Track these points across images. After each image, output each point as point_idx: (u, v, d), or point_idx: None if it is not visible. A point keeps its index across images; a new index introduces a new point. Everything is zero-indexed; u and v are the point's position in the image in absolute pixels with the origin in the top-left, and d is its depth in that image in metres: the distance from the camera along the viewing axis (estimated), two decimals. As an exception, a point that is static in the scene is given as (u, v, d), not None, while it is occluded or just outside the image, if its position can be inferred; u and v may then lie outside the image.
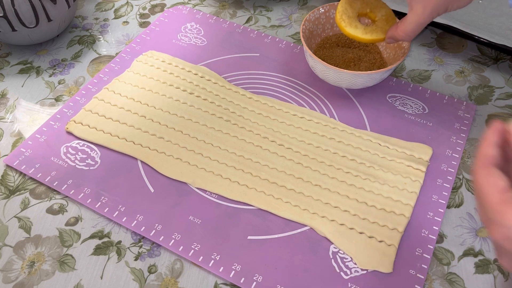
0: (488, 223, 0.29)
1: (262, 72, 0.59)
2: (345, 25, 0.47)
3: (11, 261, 0.44)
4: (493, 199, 0.29)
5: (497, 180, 0.29)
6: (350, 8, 0.49)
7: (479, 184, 0.30)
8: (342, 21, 0.47)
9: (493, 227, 0.29)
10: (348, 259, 0.43)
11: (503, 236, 0.28)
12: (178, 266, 0.43)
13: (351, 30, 0.47)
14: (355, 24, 0.47)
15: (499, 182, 0.29)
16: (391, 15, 0.50)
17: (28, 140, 0.52)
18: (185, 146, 0.50)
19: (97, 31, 0.65)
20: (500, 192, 0.28)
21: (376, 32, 0.48)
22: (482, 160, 0.30)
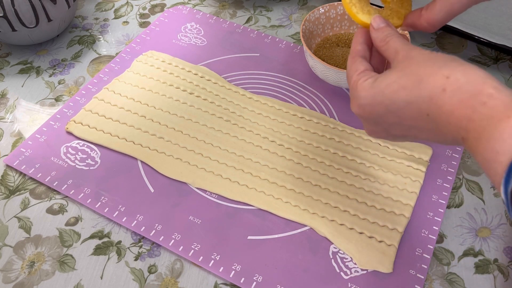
0: (351, 101, 0.36)
1: (262, 72, 0.59)
2: (356, 11, 0.40)
3: (11, 261, 0.44)
4: (352, 79, 0.35)
5: (358, 65, 0.36)
6: None
7: (347, 71, 0.37)
8: (353, 6, 0.40)
9: (351, 101, 0.36)
10: (348, 259, 0.43)
11: (357, 105, 0.35)
12: (178, 266, 0.43)
13: (364, 17, 0.40)
14: (368, 9, 0.40)
15: (359, 67, 0.36)
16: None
17: (28, 140, 0.52)
18: (185, 146, 0.50)
19: (97, 31, 0.65)
20: (358, 74, 0.35)
21: (392, 17, 0.41)
22: (351, 55, 0.37)
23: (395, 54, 0.34)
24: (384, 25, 0.36)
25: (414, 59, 0.32)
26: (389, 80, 0.32)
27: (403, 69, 0.32)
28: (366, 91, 0.33)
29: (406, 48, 0.33)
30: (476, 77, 0.28)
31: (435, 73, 0.30)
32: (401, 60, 0.33)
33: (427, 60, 0.31)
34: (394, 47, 0.34)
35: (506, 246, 0.45)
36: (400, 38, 0.35)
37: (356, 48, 0.37)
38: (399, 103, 0.31)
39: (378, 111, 0.33)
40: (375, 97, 0.33)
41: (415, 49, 0.33)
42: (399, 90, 0.31)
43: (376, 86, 0.33)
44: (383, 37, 0.36)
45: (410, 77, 0.31)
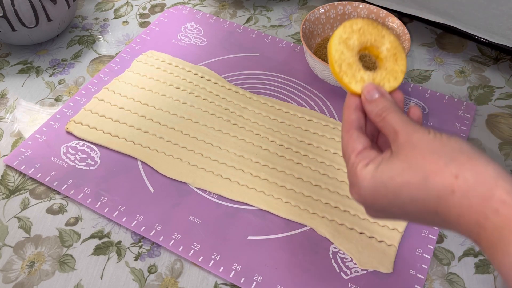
0: (350, 186, 0.33)
1: (262, 72, 0.59)
2: (348, 80, 0.35)
3: (11, 261, 0.44)
4: (350, 161, 0.32)
5: (355, 143, 0.32)
6: (348, 50, 0.36)
7: (342, 146, 0.34)
8: (344, 75, 0.35)
9: (350, 187, 0.33)
10: (348, 259, 0.43)
11: (357, 194, 0.32)
12: (178, 266, 0.43)
13: (357, 86, 0.35)
14: (360, 75, 0.35)
15: (356, 145, 0.32)
16: (398, 47, 0.37)
17: (28, 140, 0.52)
18: (185, 146, 0.50)
19: (97, 31, 0.65)
20: (356, 155, 0.32)
21: (388, 79, 0.36)
22: (345, 126, 0.34)
23: (394, 134, 0.31)
24: (377, 96, 0.33)
25: (417, 147, 0.29)
26: (393, 172, 0.29)
27: (406, 159, 0.29)
28: (367, 181, 0.30)
29: (406, 130, 0.30)
30: (486, 177, 0.26)
31: (443, 171, 0.27)
32: (402, 145, 0.30)
33: (432, 151, 0.28)
34: (392, 125, 0.31)
35: (506, 246, 0.45)
36: (397, 113, 0.32)
37: (349, 118, 0.34)
38: (403, 198, 0.29)
39: (381, 203, 0.30)
40: (377, 189, 0.30)
41: (416, 131, 0.30)
42: (403, 185, 0.29)
43: (378, 176, 0.30)
44: (378, 112, 0.32)
45: (415, 172, 0.28)
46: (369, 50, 0.38)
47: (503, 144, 0.52)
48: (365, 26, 0.37)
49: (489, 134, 0.53)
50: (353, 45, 0.36)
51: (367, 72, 0.35)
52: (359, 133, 0.33)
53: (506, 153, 0.52)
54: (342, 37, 0.36)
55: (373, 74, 0.35)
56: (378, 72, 0.36)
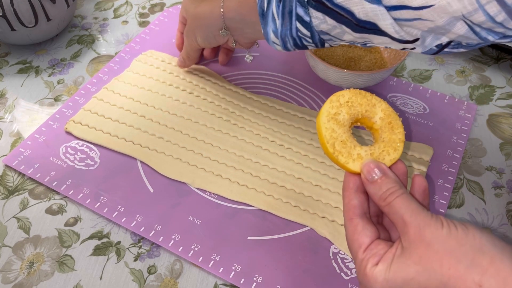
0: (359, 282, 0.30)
1: (262, 72, 0.59)
2: (345, 160, 0.32)
3: (10, 261, 0.43)
4: (357, 257, 0.30)
5: (361, 236, 0.30)
6: (339, 127, 0.33)
7: (347, 240, 0.31)
8: (340, 155, 0.32)
9: (360, 286, 0.30)
10: (349, 260, 0.43)
11: None
12: (177, 267, 0.43)
13: (355, 165, 0.32)
14: (357, 152, 0.33)
15: (362, 239, 0.30)
16: (392, 114, 0.35)
17: (27, 140, 0.51)
18: (184, 146, 0.50)
19: (96, 31, 0.65)
20: (363, 252, 0.30)
21: (387, 152, 0.33)
22: (347, 214, 0.31)
23: (404, 226, 0.28)
24: (379, 176, 0.31)
25: (431, 247, 0.27)
26: (407, 275, 0.27)
27: (421, 261, 0.27)
28: (379, 284, 0.28)
29: (417, 223, 0.28)
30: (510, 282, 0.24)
31: (464, 278, 0.25)
32: (414, 241, 0.28)
33: (450, 253, 0.26)
34: (400, 214, 0.29)
35: (507, 247, 0.45)
36: (404, 199, 0.29)
37: (350, 203, 0.32)
38: None
39: None
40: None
41: (428, 225, 0.27)
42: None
43: (392, 280, 0.28)
44: (382, 196, 0.30)
45: (433, 277, 0.26)
46: (361, 122, 0.35)
47: (504, 144, 0.52)
48: (353, 98, 0.35)
49: (490, 134, 0.53)
50: (343, 120, 0.34)
51: (363, 148, 0.33)
52: (364, 223, 0.31)
53: (507, 153, 0.51)
54: (330, 113, 0.34)
55: (370, 149, 0.33)
56: (376, 145, 0.34)
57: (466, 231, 0.27)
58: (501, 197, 0.48)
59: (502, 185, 0.49)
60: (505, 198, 0.48)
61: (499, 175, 0.50)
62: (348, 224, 0.31)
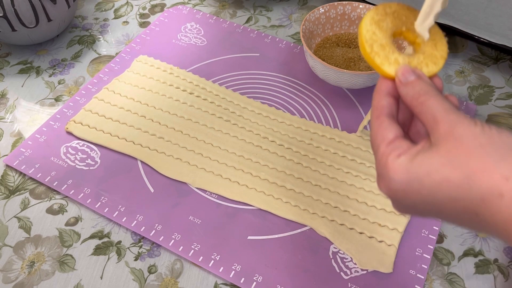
0: (378, 178, 0.29)
1: (262, 72, 0.59)
2: (380, 61, 0.31)
3: (11, 261, 0.44)
4: (379, 150, 0.29)
5: (386, 131, 0.29)
6: (380, 32, 0.32)
7: (371, 134, 0.30)
8: (376, 56, 0.31)
9: (378, 179, 0.29)
10: (348, 259, 0.43)
11: (386, 187, 0.28)
12: (178, 266, 0.43)
13: (390, 68, 0.31)
14: (394, 57, 0.31)
15: (387, 134, 0.29)
16: (438, 32, 0.34)
17: (28, 140, 0.52)
18: (185, 146, 0.50)
19: (97, 31, 0.65)
20: (387, 145, 0.28)
21: (426, 64, 0.32)
22: (375, 112, 0.30)
23: (434, 123, 0.27)
24: (414, 78, 0.29)
25: (461, 141, 0.25)
26: (431, 167, 0.26)
27: (448, 154, 0.26)
28: (399, 174, 0.27)
29: (449, 119, 0.26)
30: None
31: (491, 170, 0.24)
32: (444, 137, 0.26)
33: (480, 147, 0.25)
34: (432, 112, 0.27)
35: (506, 246, 0.45)
36: (438, 99, 0.28)
37: (380, 103, 0.30)
38: (440, 197, 0.26)
39: (413, 200, 0.27)
40: (410, 184, 0.27)
41: (461, 122, 0.26)
42: (442, 183, 0.25)
43: (413, 171, 0.27)
44: (414, 95, 0.29)
45: (458, 169, 0.25)
46: (404, 35, 0.34)
47: (503, 144, 0.52)
48: (399, 10, 0.33)
49: (489, 134, 0.53)
50: (386, 27, 0.32)
51: (402, 55, 0.31)
52: (390, 120, 0.30)
53: (506, 153, 0.52)
54: (374, 18, 0.32)
55: (409, 58, 0.31)
56: (415, 56, 0.32)
57: (501, 131, 0.26)
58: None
59: (501, 185, 0.49)
60: (504, 198, 0.48)
61: (498, 175, 0.50)
62: (373, 122, 0.30)
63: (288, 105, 0.55)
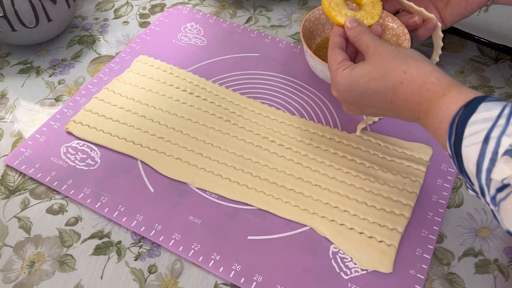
0: (331, 86, 0.43)
1: (262, 72, 0.59)
2: (335, 14, 0.46)
3: (11, 261, 0.44)
4: (332, 68, 0.42)
5: (337, 55, 0.42)
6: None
7: (328, 60, 0.44)
8: (332, 10, 0.46)
9: (332, 86, 0.43)
10: (348, 259, 0.43)
11: (336, 90, 0.42)
12: (178, 266, 0.43)
13: (341, 19, 0.45)
14: (345, 11, 0.46)
15: (337, 57, 0.42)
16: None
17: (28, 140, 0.52)
18: (185, 146, 0.50)
19: (97, 31, 0.65)
20: (337, 64, 0.42)
21: (366, 18, 0.47)
22: (330, 46, 0.44)
23: (366, 48, 0.41)
24: (356, 24, 0.43)
25: (382, 54, 0.39)
26: (362, 72, 0.39)
27: (373, 62, 0.39)
28: (344, 80, 0.41)
29: (375, 44, 0.40)
30: (425, 71, 0.36)
31: (396, 68, 0.37)
32: (372, 54, 0.40)
33: (392, 56, 0.38)
34: (365, 42, 0.41)
35: (506, 246, 0.45)
36: (370, 35, 0.42)
37: (334, 40, 0.44)
38: (370, 91, 0.39)
39: (353, 96, 0.41)
40: (351, 85, 0.40)
41: (382, 45, 0.40)
42: (370, 81, 0.39)
43: (352, 76, 0.40)
44: (355, 34, 0.43)
45: (378, 71, 0.38)
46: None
47: (503, 144, 0.52)
48: None
49: (489, 134, 0.53)
50: None
51: (350, 11, 0.46)
52: (340, 50, 0.43)
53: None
54: None
55: (355, 13, 0.46)
56: (359, 12, 0.47)
57: (406, 48, 0.39)
58: (500, 197, 0.48)
59: (501, 185, 0.49)
60: (504, 198, 0.48)
61: (498, 175, 0.50)
62: (329, 52, 0.44)
63: (288, 105, 0.55)
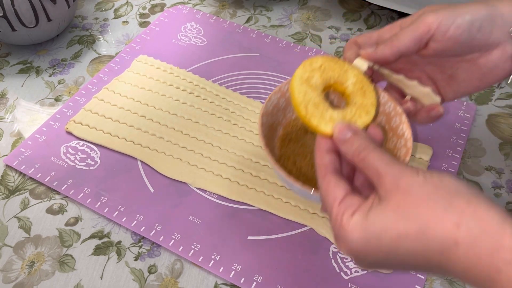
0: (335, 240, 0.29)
1: (262, 72, 0.59)
2: (317, 122, 0.32)
3: (11, 261, 0.44)
4: (332, 212, 0.29)
5: (334, 190, 0.29)
6: (312, 90, 0.33)
7: (321, 195, 0.30)
8: (313, 117, 0.32)
9: (337, 241, 0.29)
10: (348, 259, 0.43)
11: (347, 249, 0.28)
12: (178, 266, 0.43)
13: (327, 127, 0.32)
14: (329, 114, 0.32)
15: (336, 193, 0.29)
16: (364, 80, 0.35)
17: (27, 140, 0.51)
18: (185, 146, 0.50)
19: (97, 31, 0.65)
20: (338, 205, 0.28)
21: (359, 115, 0.33)
22: (320, 171, 0.31)
23: (378, 177, 0.28)
24: (351, 135, 0.30)
25: (408, 193, 0.26)
26: (385, 223, 0.26)
27: (399, 208, 0.26)
28: (356, 234, 0.27)
29: (393, 173, 0.27)
30: (492, 224, 0.24)
31: (442, 220, 0.25)
32: (391, 190, 0.27)
33: (427, 197, 0.26)
34: (375, 167, 0.28)
35: (506, 246, 0.45)
36: (377, 153, 0.28)
37: (323, 161, 0.31)
38: (401, 252, 0.26)
39: (375, 257, 0.27)
40: (370, 243, 0.27)
41: (404, 174, 0.27)
42: (400, 238, 0.26)
43: (369, 229, 0.27)
44: (355, 152, 0.29)
45: (411, 222, 0.26)
46: (334, 87, 0.35)
47: (503, 144, 0.52)
48: (325, 63, 0.35)
49: (489, 134, 0.53)
50: (316, 84, 0.34)
51: (336, 111, 0.32)
52: (337, 177, 0.30)
53: (506, 153, 0.52)
54: (303, 77, 0.33)
55: (342, 112, 0.33)
56: (348, 109, 0.33)
57: (442, 177, 0.26)
58: (500, 197, 0.48)
59: (501, 185, 0.49)
60: (505, 198, 0.48)
61: (499, 175, 0.50)
62: (321, 182, 0.30)
63: (288, 105, 0.55)
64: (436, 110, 0.36)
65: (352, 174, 0.32)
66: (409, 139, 0.36)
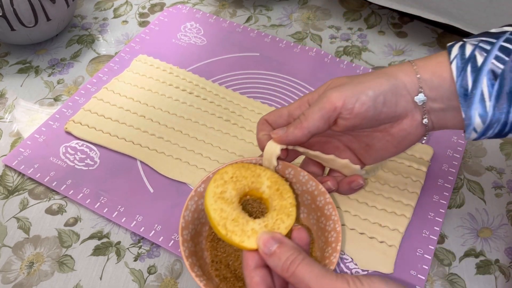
0: None
1: (262, 72, 0.59)
2: (240, 238, 0.30)
3: (10, 261, 0.43)
4: None
5: None
6: (227, 205, 0.32)
7: None
8: (234, 235, 0.31)
9: None
10: (349, 260, 0.43)
11: None
12: (177, 267, 0.43)
13: (251, 242, 0.30)
14: (251, 226, 0.31)
15: None
16: (278, 180, 0.35)
17: (27, 140, 0.51)
18: (184, 146, 0.50)
19: (96, 31, 0.65)
20: None
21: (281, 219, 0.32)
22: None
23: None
24: (276, 247, 0.29)
25: None
26: None
27: None
28: None
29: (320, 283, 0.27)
30: None
31: None
32: None
33: None
34: (305, 282, 0.28)
35: (507, 247, 0.45)
36: (305, 265, 0.28)
37: (254, 280, 0.30)
38: None
39: None
40: None
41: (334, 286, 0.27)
42: None
43: None
44: (283, 266, 0.29)
45: None
46: (250, 194, 0.34)
47: (504, 144, 0.52)
48: (236, 172, 0.34)
49: (490, 134, 0.53)
50: (231, 197, 0.33)
51: (256, 221, 0.32)
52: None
53: (507, 153, 0.51)
54: (216, 192, 0.33)
55: (264, 221, 0.32)
56: (268, 215, 0.32)
57: (371, 284, 0.27)
58: (501, 197, 0.48)
59: (502, 185, 0.49)
60: (505, 198, 0.48)
61: (499, 175, 0.50)
62: None
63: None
64: (356, 182, 0.36)
65: (286, 284, 0.32)
66: (337, 221, 0.35)
